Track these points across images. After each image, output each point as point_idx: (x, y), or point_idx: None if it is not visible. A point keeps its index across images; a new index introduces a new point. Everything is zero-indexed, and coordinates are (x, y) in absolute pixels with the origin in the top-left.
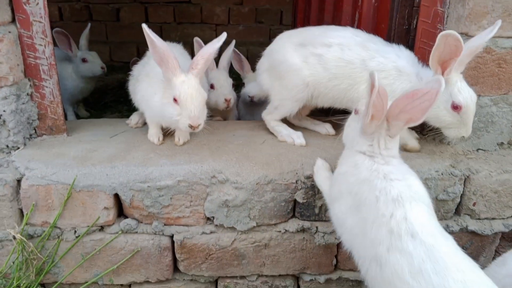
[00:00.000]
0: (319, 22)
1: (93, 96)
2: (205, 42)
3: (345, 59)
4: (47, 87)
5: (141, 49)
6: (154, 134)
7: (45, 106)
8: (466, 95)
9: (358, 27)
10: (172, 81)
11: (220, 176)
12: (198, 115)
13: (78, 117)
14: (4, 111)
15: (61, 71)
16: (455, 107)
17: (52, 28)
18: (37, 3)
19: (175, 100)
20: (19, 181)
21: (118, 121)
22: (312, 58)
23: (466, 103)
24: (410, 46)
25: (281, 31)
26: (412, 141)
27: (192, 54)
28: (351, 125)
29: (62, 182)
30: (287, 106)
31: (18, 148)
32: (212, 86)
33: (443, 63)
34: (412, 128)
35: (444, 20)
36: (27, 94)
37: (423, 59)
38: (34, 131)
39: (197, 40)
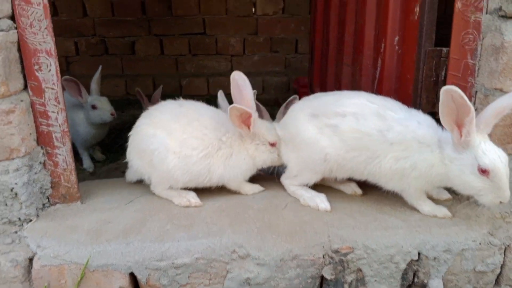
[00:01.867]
0: (337, 65)
1: (110, 137)
2: (221, 73)
3: (362, 130)
4: (60, 154)
5: (156, 81)
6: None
7: (59, 174)
8: (493, 156)
9: (381, 74)
10: None
11: (240, 251)
12: None
13: (94, 160)
14: (16, 183)
15: (73, 117)
16: (483, 171)
17: (68, 63)
18: (50, 70)
19: None
20: (31, 259)
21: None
22: (327, 129)
23: (494, 165)
24: (439, 99)
25: (296, 60)
26: (441, 211)
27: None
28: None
29: (76, 261)
30: (306, 176)
31: (31, 220)
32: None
33: (459, 122)
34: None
35: (475, 73)
36: (40, 163)
37: None
38: (47, 199)
39: (221, 93)
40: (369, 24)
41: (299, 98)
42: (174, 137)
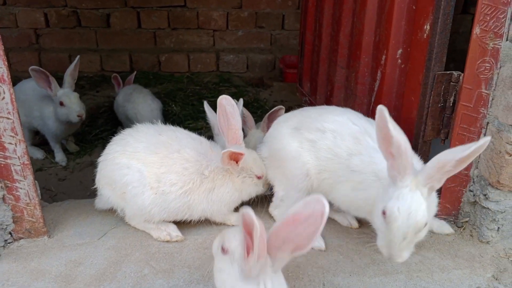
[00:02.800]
0: (330, 65)
1: (83, 123)
2: (202, 49)
3: (334, 150)
4: (21, 188)
5: (133, 57)
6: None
7: (21, 208)
8: (398, 205)
9: (380, 88)
10: None
11: None
12: None
13: (67, 152)
14: None
15: (42, 109)
16: (383, 212)
17: (37, 36)
18: (3, 98)
19: None
20: None
21: None
22: (306, 144)
23: (391, 214)
24: (445, 125)
25: (282, 37)
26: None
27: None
28: (224, 269)
29: None
30: (293, 196)
31: None
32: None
33: (392, 151)
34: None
35: (488, 104)
36: None
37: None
38: (10, 235)
39: (206, 104)
40: (368, 28)
41: (285, 79)
42: (151, 170)
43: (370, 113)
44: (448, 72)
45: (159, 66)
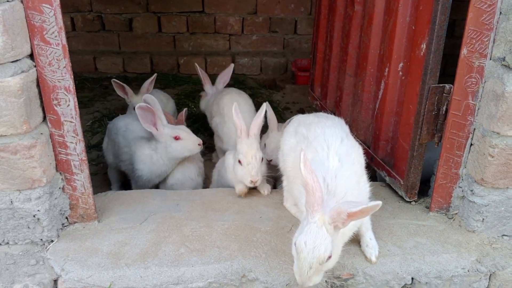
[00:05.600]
0: (340, 73)
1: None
2: (218, 53)
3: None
4: (78, 180)
5: (154, 59)
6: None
7: (77, 197)
8: (302, 237)
9: (384, 96)
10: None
11: (250, 275)
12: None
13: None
14: (38, 210)
15: (135, 151)
16: (295, 243)
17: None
18: (68, 105)
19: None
20: (55, 281)
21: (147, 194)
22: (303, 141)
23: (298, 244)
24: (439, 130)
25: (295, 41)
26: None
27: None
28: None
29: (99, 285)
30: (294, 190)
31: (52, 241)
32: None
33: None
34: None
35: (475, 113)
36: (59, 188)
37: (451, 148)
38: (66, 219)
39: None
40: (374, 43)
41: (297, 81)
42: None
43: (374, 117)
44: (441, 85)
45: (178, 68)
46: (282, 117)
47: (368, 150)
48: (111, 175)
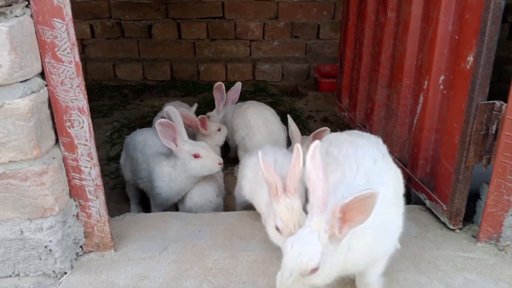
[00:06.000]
0: (371, 83)
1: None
2: (239, 59)
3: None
4: (93, 207)
5: (174, 66)
6: None
7: (92, 224)
8: (294, 241)
9: (423, 111)
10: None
11: None
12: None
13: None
14: (50, 241)
15: (154, 168)
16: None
17: (83, 46)
18: (82, 127)
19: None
20: None
21: (167, 217)
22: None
23: (287, 246)
24: (487, 151)
25: (317, 46)
26: None
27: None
28: None
29: None
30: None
31: (66, 273)
32: None
33: None
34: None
35: None
36: (73, 216)
37: (503, 173)
38: (80, 248)
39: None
40: (410, 52)
41: (320, 88)
42: None
43: (412, 134)
44: (491, 102)
45: (198, 75)
46: (306, 126)
47: (405, 169)
48: (129, 191)
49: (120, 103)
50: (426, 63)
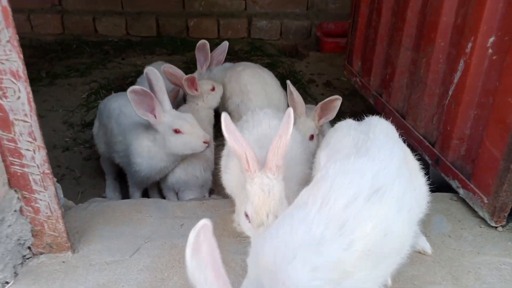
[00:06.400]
0: (392, 45)
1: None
2: (233, 14)
3: None
4: (41, 200)
5: (160, 22)
6: None
7: (41, 221)
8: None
9: (462, 81)
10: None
11: None
12: None
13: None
14: None
15: (131, 142)
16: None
17: None
18: (19, 97)
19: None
20: None
21: (142, 206)
22: None
23: None
24: None
25: (320, 0)
26: None
27: None
28: None
29: None
30: None
31: (7, 282)
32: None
33: None
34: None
35: None
36: (15, 211)
37: None
38: (28, 250)
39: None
40: (448, 6)
41: (322, 48)
42: None
43: (445, 107)
44: None
45: (187, 32)
46: (307, 92)
47: (432, 148)
48: (105, 165)
49: (99, 61)
50: (471, 20)
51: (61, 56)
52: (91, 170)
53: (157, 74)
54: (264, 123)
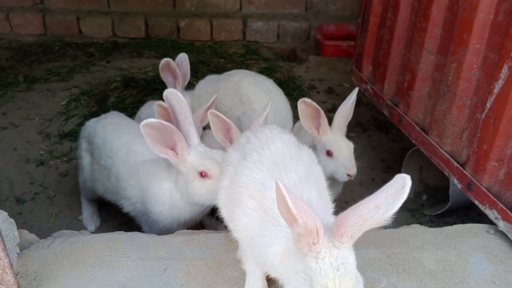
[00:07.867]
0: (411, 47)
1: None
2: (227, 14)
3: None
4: None
5: (149, 22)
6: None
7: None
8: None
9: (505, 90)
10: None
11: None
12: None
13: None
14: None
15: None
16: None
17: None
18: None
19: None
20: None
21: (116, 244)
22: None
23: None
24: None
25: (320, 1)
26: None
27: None
28: None
29: None
30: None
31: None
32: (328, 153)
33: None
34: None
35: None
36: None
37: None
38: None
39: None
40: (486, 2)
41: (322, 52)
42: None
43: (481, 122)
44: None
45: (178, 33)
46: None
47: (463, 170)
48: (85, 200)
49: (83, 65)
50: None
51: (41, 58)
52: (67, 188)
53: (181, 98)
54: (276, 140)
